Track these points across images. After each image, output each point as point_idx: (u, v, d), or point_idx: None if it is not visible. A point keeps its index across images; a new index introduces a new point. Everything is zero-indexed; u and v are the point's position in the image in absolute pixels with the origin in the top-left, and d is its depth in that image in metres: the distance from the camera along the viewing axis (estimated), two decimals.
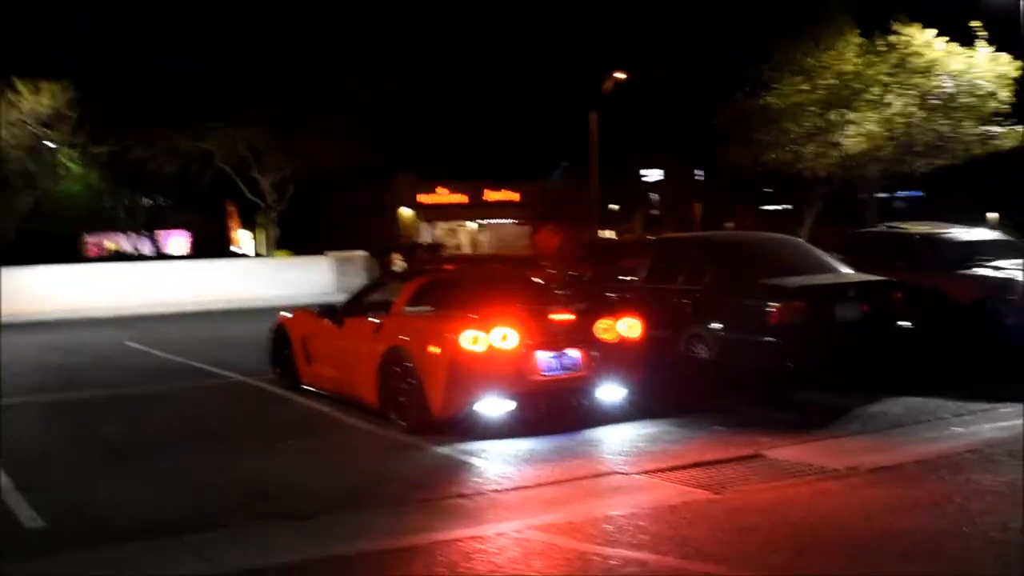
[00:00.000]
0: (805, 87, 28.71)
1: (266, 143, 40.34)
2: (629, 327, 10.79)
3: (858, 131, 28.15)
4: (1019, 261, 14.47)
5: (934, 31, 27.60)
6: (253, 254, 52.83)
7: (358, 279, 36.29)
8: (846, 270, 13.56)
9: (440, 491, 8.13)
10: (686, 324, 13.03)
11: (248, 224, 58.28)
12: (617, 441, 9.85)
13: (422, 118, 51.72)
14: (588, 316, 10.74)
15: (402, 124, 48.34)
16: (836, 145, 28.78)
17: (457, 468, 8.95)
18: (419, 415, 10.24)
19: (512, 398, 10.11)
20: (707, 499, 7.70)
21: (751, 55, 30.45)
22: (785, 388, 12.00)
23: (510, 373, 10.05)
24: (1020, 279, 13.54)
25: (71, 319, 27.50)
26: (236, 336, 21.08)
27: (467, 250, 75.31)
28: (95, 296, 31.48)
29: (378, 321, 11.26)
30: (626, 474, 8.56)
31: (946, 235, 15.31)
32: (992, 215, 38.22)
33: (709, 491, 7.90)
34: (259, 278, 35.49)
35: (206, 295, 32.44)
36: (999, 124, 27.83)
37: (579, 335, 10.46)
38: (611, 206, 69.00)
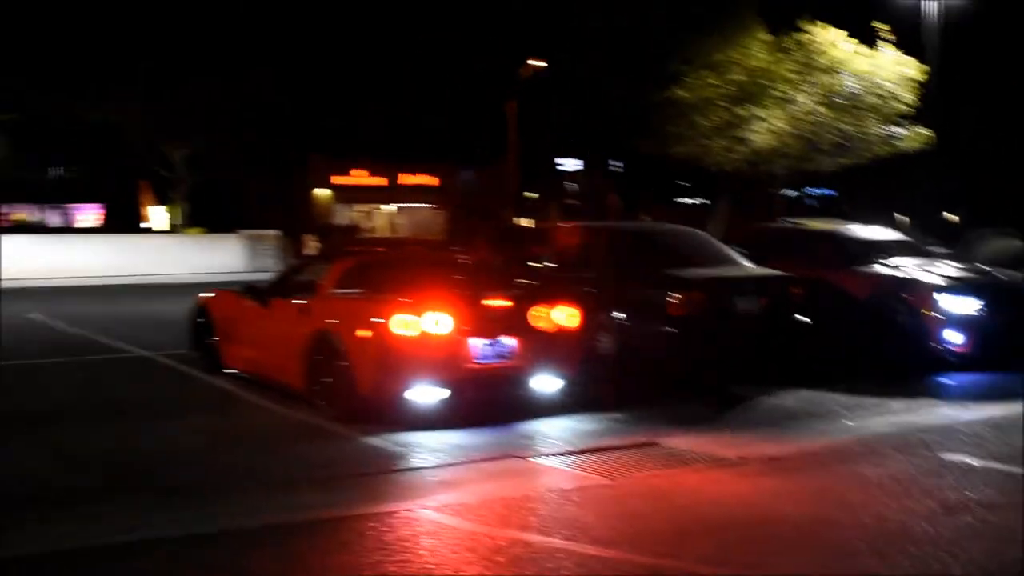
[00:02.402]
0: (714, 81, 29.05)
1: (179, 118, 39.90)
2: (567, 316, 10.58)
3: (766, 127, 28.56)
4: (915, 260, 14.85)
5: (839, 31, 28.06)
6: (166, 229, 52.29)
7: (270, 259, 36.14)
8: (747, 264, 13.83)
9: (345, 470, 8.22)
10: (590, 313, 13.17)
11: (161, 199, 57.54)
12: (521, 427, 9.92)
13: (339, 99, 51.41)
14: (523, 303, 10.49)
15: (319, 104, 48.05)
16: (743, 140, 29.17)
17: (368, 452, 8.93)
18: (346, 401, 9.96)
19: (443, 385, 9.82)
20: (599, 484, 7.87)
21: (663, 48, 30.72)
22: (684, 378, 12.23)
23: (442, 360, 9.76)
24: (914, 277, 13.91)
25: None
26: (149, 313, 20.90)
27: (384, 233, 75.11)
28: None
29: (305, 303, 10.88)
30: (523, 458, 8.70)
31: (844, 232, 15.65)
32: (901, 217, 39.04)
33: (601, 476, 8.07)
34: (169, 255, 35.20)
35: (115, 270, 32.05)
36: (902, 126, 28.39)
37: (514, 322, 10.22)
38: (529, 194, 69.11)
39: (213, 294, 13.36)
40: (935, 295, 13.51)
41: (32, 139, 40.97)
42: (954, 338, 13.31)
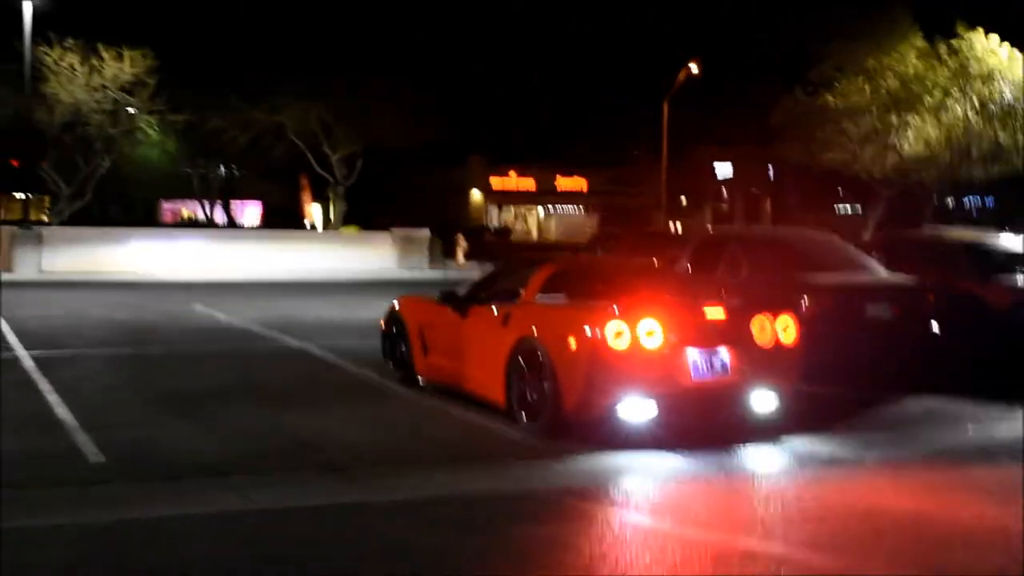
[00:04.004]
0: (865, 88, 28.90)
1: (337, 119, 41.27)
2: (785, 328, 9.73)
3: (916, 135, 28.32)
4: None
5: (996, 37, 27.61)
6: (321, 227, 53.97)
7: (421, 258, 37.07)
8: (881, 270, 13.90)
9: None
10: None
11: (320, 197, 59.42)
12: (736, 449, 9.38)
13: (496, 100, 52.29)
14: (741, 313, 9.64)
15: (476, 106, 48.97)
16: (894, 148, 28.95)
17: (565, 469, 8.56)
18: (550, 416, 9.26)
19: (656, 401, 9.07)
20: (714, 480, 8.31)
21: (813, 53, 30.64)
22: (813, 382, 12.38)
23: (656, 373, 9.05)
24: None
25: (143, 281, 28.52)
26: (313, 312, 20.71)
27: (534, 236, 75.92)
28: (168, 261, 32.64)
29: (507, 311, 10.22)
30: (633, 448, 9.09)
31: (986, 242, 15.60)
32: None
33: (722, 473, 8.52)
34: (324, 253, 36.42)
35: (272, 267, 33.36)
36: None
37: (731, 334, 9.43)
38: (681, 198, 68.96)
39: (408, 300, 12.71)
40: None
41: (199, 138, 42.82)
42: None
